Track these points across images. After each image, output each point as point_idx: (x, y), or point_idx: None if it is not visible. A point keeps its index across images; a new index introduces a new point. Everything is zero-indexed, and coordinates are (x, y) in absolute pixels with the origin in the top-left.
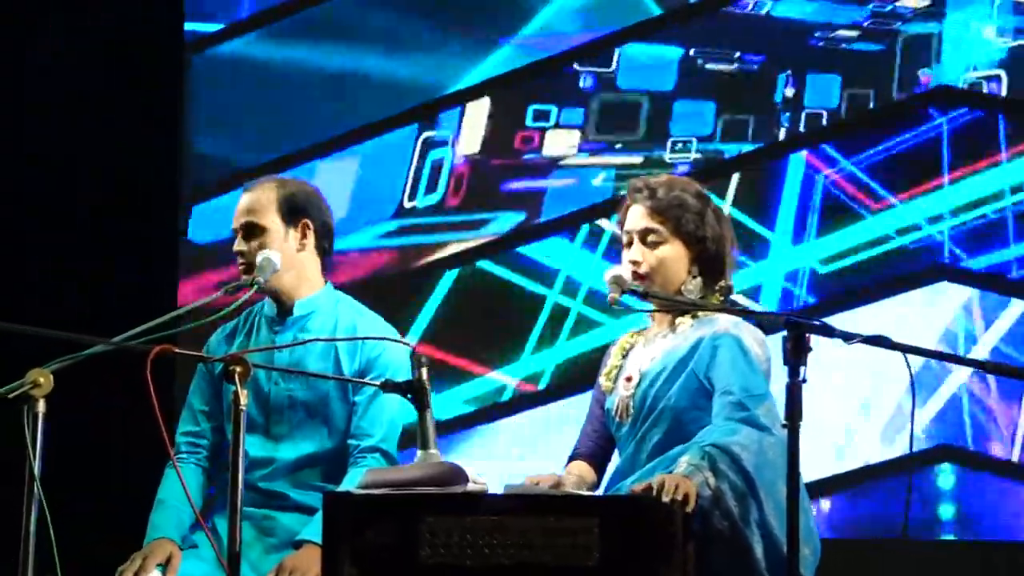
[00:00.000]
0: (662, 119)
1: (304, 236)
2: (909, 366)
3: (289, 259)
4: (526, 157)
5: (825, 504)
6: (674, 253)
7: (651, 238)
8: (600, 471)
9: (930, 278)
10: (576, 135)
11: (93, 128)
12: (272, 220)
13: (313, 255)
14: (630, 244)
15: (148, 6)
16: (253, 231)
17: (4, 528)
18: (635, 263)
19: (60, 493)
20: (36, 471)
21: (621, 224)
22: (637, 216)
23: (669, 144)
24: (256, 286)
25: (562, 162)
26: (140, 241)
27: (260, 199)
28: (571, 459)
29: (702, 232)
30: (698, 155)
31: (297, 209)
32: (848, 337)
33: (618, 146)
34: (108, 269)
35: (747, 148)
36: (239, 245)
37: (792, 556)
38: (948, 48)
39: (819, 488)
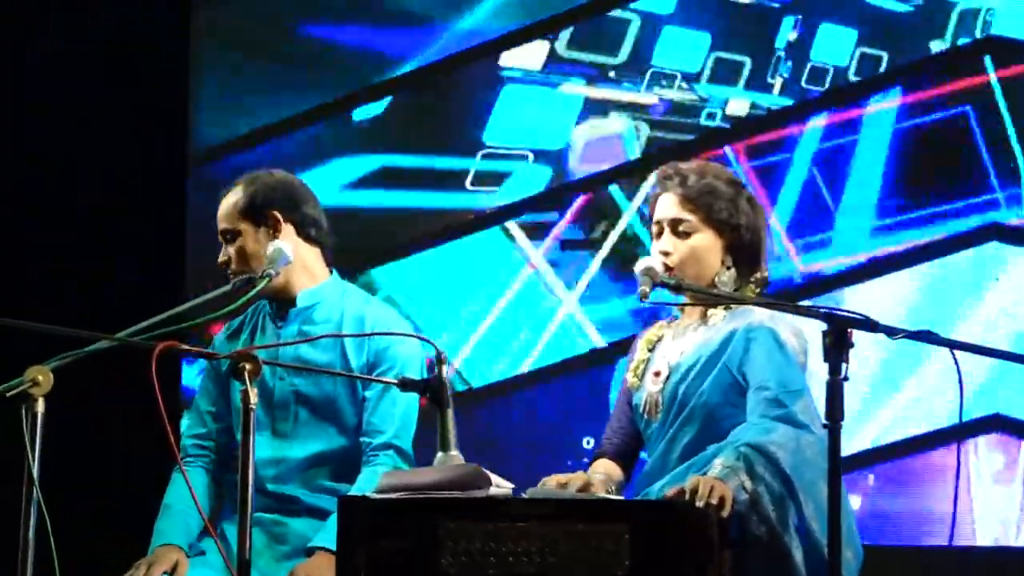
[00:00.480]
0: (648, 46)
1: (276, 230)
2: (957, 363)
3: (261, 257)
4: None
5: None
6: (706, 243)
7: (682, 227)
8: (627, 470)
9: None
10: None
11: (94, 127)
12: (239, 223)
13: (304, 246)
14: (660, 234)
15: (149, 5)
16: (228, 237)
17: (3, 529)
18: (665, 253)
19: (61, 493)
20: (35, 472)
21: (650, 214)
22: (667, 205)
23: (648, 74)
24: (267, 278)
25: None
26: (142, 240)
27: (226, 204)
28: (595, 457)
29: (735, 220)
30: (679, 93)
31: (259, 205)
32: (892, 332)
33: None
34: (110, 268)
35: (736, 94)
36: (221, 254)
37: (834, 561)
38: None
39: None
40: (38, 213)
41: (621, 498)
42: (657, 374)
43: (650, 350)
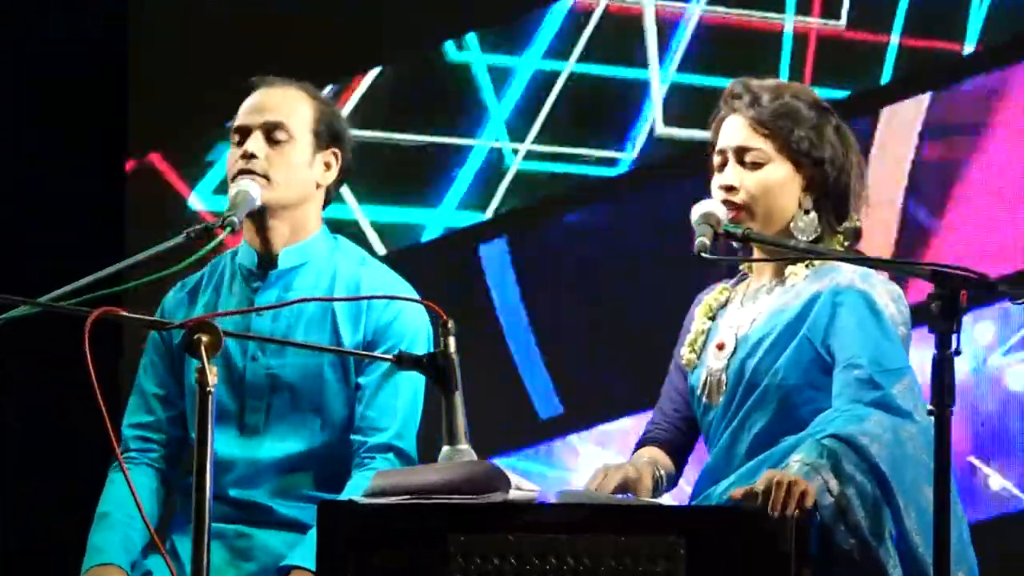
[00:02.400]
0: None
1: (328, 168)
2: None
3: (305, 192)
4: None
5: None
6: (781, 177)
7: (751, 157)
8: (678, 464)
9: None
10: None
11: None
12: (303, 132)
13: (322, 194)
14: (723, 166)
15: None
16: (276, 136)
17: None
18: (729, 188)
19: None
20: None
21: (713, 142)
22: (734, 129)
23: None
24: (230, 228)
25: None
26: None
27: (291, 102)
28: (639, 446)
29: (819, 153)
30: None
31: (334, 133)
32: (1018, 296)
33: None
34: (32, 218)
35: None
36: (253, 145)
37: None
38: None
39: None
40: None
41: (675, 503)
42: (720, 347)
43: (711, 318)
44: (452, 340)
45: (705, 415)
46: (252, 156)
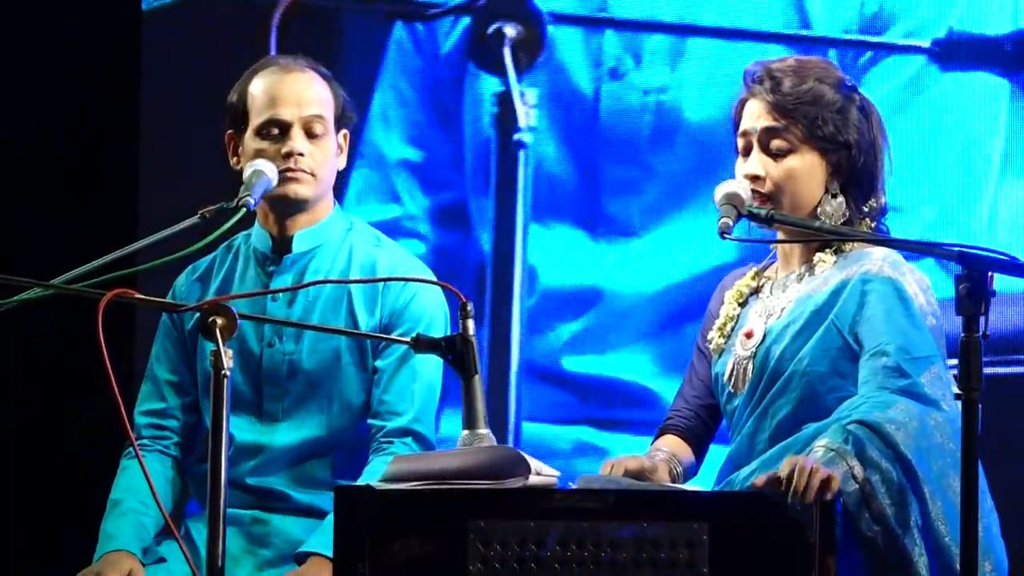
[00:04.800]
0: None
1: (342, 152)
2: None
3: (329, 178)
4: None
5: None
6: (807, 164)
7: (775, 144)
8: (699, 451)
9: None
10: None
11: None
12: (331, 122)
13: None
14: (747, 150)
15: None
16: (315, 130)
17: None
18: (755, 178)
19: None
20: None
21: (735, 125)
22: (756, 114)
23: None
24: (245, 209)
25: None
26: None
27: (321, 90)
28: (659, 433)
29: (845, 136)
30: None
31: (347, 115)
32: None
33: None
34: (45, 198)
35: None
36: (300, 143)
37: (968, 573)
38: None
39: None
40: None
41: (698, 488)
42: (749, 335)
43: (742, 304)
44: (471, 323)
45: (729, 402)
46: (300, 154)
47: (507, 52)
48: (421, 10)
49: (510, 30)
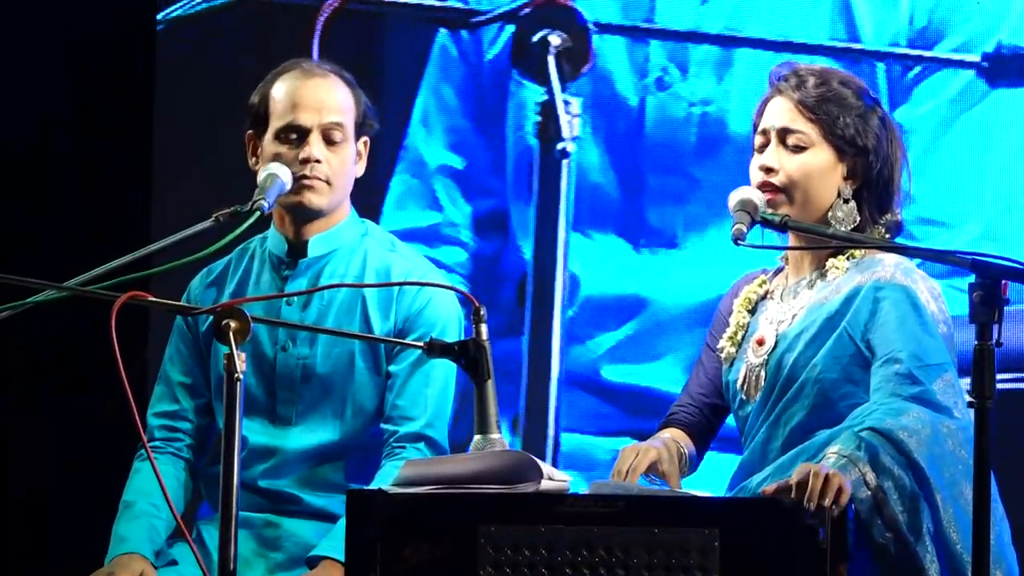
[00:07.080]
0: None
1: (360, 158)
2: None
3: (346, 186)
4: None
5: None
6: (822, 163)
7: (793, 140)
8: (700, 447)
9: None
10: None
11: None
12: (351, 129)
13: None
14: (764, 147)
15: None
16: (334, 137)
17: None
18: (769, 170)
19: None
20: None
21: (756, 122)
22: (779, 111)
23: None
24: (259, 212)
25: None
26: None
27: (342, 96)
28: (662, 426)
29: (863, 141)
30: None
31: (368, 122)
32: None
33: None
34: (57, 198)
35: None
36: (317, 150)
37: None
38: None
39: None
40: None
41: (710, 495)
42: (760, 342)
43: (751, 311)
44: (484, 328)
45: (741, 409)
46: (317, 161)
47: (551, 61)
48: (465, 17)
49: (555, 39)
